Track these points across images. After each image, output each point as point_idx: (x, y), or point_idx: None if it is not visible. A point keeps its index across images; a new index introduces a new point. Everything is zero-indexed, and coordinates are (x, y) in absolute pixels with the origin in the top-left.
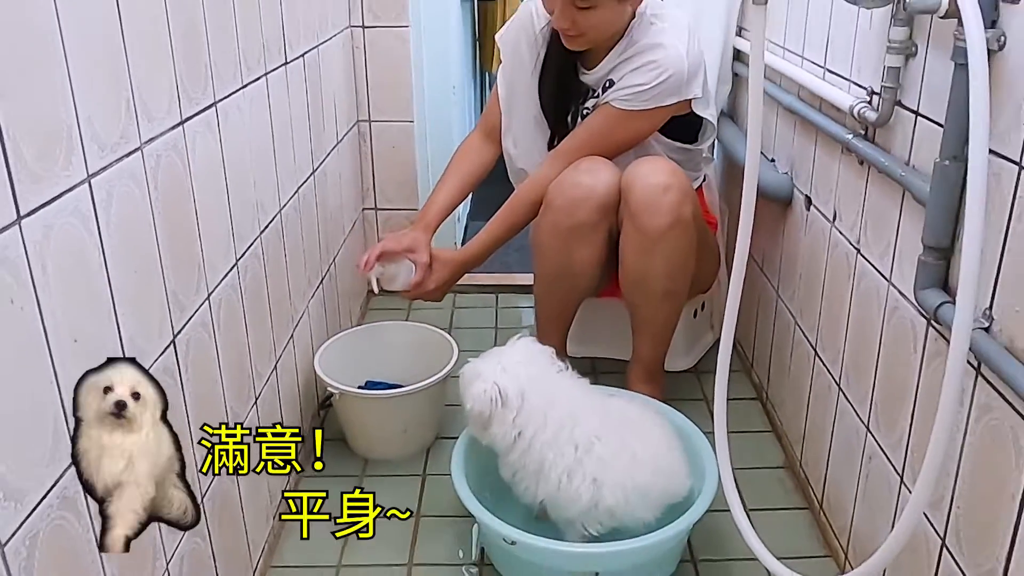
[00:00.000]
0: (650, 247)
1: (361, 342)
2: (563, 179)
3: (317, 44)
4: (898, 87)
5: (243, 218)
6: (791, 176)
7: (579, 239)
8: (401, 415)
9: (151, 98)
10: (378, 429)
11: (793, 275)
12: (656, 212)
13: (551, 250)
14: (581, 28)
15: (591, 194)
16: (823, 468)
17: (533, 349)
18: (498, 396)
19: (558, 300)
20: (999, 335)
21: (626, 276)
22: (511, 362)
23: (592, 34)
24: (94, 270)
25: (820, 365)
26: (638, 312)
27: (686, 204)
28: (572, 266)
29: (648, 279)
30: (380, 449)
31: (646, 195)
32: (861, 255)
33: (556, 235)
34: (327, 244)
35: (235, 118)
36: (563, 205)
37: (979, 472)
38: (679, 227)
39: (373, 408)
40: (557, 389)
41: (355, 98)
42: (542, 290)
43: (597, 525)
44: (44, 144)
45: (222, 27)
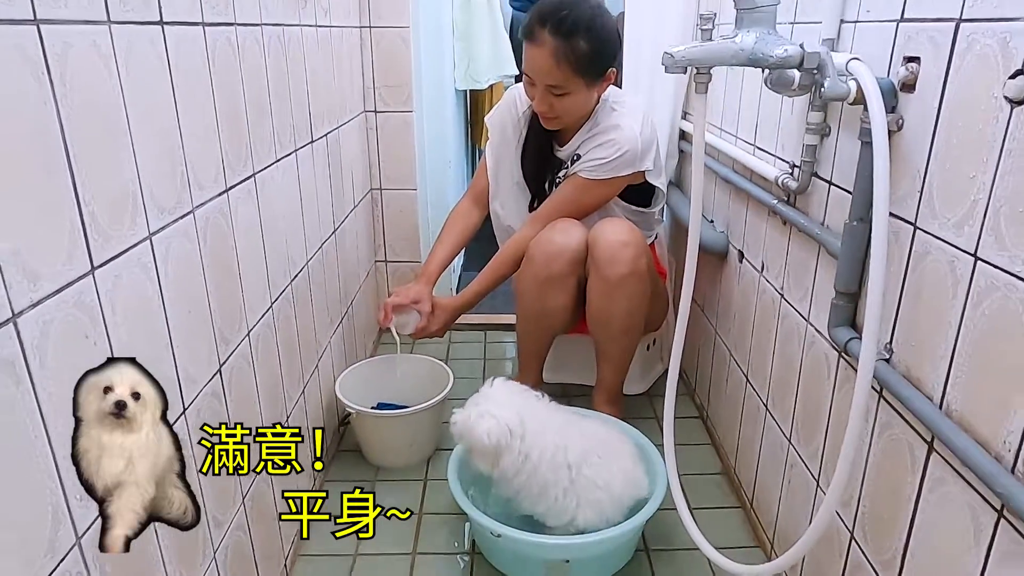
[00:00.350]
0: (611, 292)
1: (374, 370)
2: (541, 238)
3: (338, 126)
4: (815, 161)
5: (276, 269)
6: (727, 234)
7: (554, 287)
8: (408, 431)
9: (201, 170)
10: (389, 442)
11: (729, 316)
12: (617, 263)
13: (531, 296)
14: (556, 111)
15: (564, 250)
16: (753, 474)
17: (512, 386)
18: (507, 430)
19: (537, 337)
20: (898, 365)
21: (592, 316)
22: (501, 399)
23: (565, 117)
24: (154, 311)
25: (751, 389)
26: (601, 345)
27: (641, 257)
28: (548, 309)
29: (610, 318)
30: (391, 459)
31: (608, 249)
32: (784, 299)
33: (535, 284)
34: (346, 290)
35: (270, 186)
36: (541, 260)
37: (881, 478)
38: (636, 276)
39: (385, 425)
40: (545, 416)
41: (369, 170)
42: (524, 329)
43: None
44: (113, 208)
45: (260, 113)
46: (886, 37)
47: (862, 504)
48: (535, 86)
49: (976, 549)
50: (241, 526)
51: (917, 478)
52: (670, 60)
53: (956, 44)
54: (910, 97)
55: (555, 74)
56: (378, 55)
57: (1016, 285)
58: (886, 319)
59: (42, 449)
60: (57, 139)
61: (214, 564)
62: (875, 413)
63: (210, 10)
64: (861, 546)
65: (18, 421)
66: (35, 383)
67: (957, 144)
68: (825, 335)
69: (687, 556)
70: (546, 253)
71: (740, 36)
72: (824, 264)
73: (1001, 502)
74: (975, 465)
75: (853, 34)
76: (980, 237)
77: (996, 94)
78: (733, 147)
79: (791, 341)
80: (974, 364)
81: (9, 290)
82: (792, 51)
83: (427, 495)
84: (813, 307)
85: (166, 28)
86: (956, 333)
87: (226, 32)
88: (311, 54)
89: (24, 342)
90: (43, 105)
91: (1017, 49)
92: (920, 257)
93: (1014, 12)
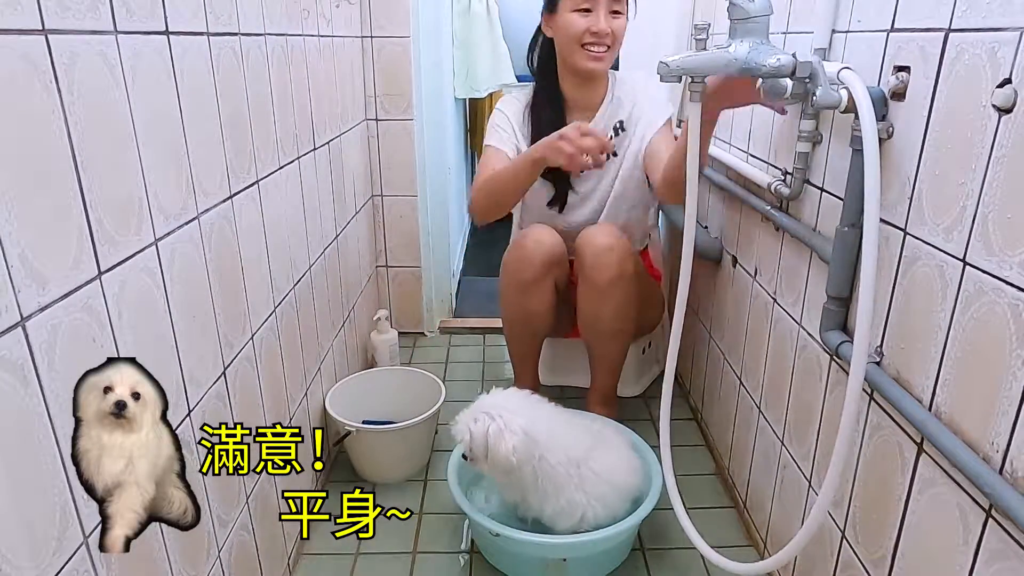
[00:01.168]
0: (600, 296)
1: (359, 387)
2: (515, 244)
3: (340, 134)
4: (807, 168)
5: (280, 274)
6: (721, 240)
7: (532, 291)
8: (406, 443)
9: (206, 177)
10: (387, 457)
11: (723, 320)
12: (604, 268)
13: (512, 302)
14: (615, 36)
15: (535, 253)
16: (746, 475)
17: (515, 391)
18: (531, 443)
19: (523, 340)
20: (888, 367)
21: (582, 320)
22: (512, 405)
23: (614, 48)
24: (160, 315)
25: (744, 392)
26: (593, 349)
27: (627, 261)
28: (530, 313)
29: (600, 322)
30: (390, 475)
31: (595, 254)
32: (777, 304)
33: (514, 289)
34: (347, 294)
35: (274, 193)
36: (516, 265)
37: (872, 478)
38: (623, 279)
39: (384, 441)
40: (552, 418)
41: (370, 177)
42: (511, 334)
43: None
44: (120, 214)
45: (263, 120)
46: (876, 47)
47: (853, 504)
48: (593, 11)
49: (965, 548)
50: (245, 526)
51: (907, 479)
52: (665, 69)
53: (945, 54)
54: (900, 105)
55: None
56: (379, 64)
57: (1004, 290)
58: (876, 323)
59: (50, 450)
60: (65, 146)
61: (219, 563)
62: (866, 415)
63: (214, 20)
64: (852, 545)
65: (27, 422)
66: (43, 385)
67: (946, 152)
68: (817, 339)
69: (682, 555)
70: (520, 259)
71: (734, 46)
72: (816, 269)
73: (989, 502)
74: (964, 466)
75: (844, 44)
76: (969, 242)
77: (984, 103)
78: (727, 154)
79: (783, 345)
80: (963, 367)
81: (18, 294)
82: (785, 60)
83: (427, 495)
84: (805, 311)
85: (171, 38)
86: (945, 336)
87: (230, 42)
88: (313, 63)
89: (33, 345)
90: (51, 113)
91: (1005, 59)
92: (910, 262)
93: (1002, 22)
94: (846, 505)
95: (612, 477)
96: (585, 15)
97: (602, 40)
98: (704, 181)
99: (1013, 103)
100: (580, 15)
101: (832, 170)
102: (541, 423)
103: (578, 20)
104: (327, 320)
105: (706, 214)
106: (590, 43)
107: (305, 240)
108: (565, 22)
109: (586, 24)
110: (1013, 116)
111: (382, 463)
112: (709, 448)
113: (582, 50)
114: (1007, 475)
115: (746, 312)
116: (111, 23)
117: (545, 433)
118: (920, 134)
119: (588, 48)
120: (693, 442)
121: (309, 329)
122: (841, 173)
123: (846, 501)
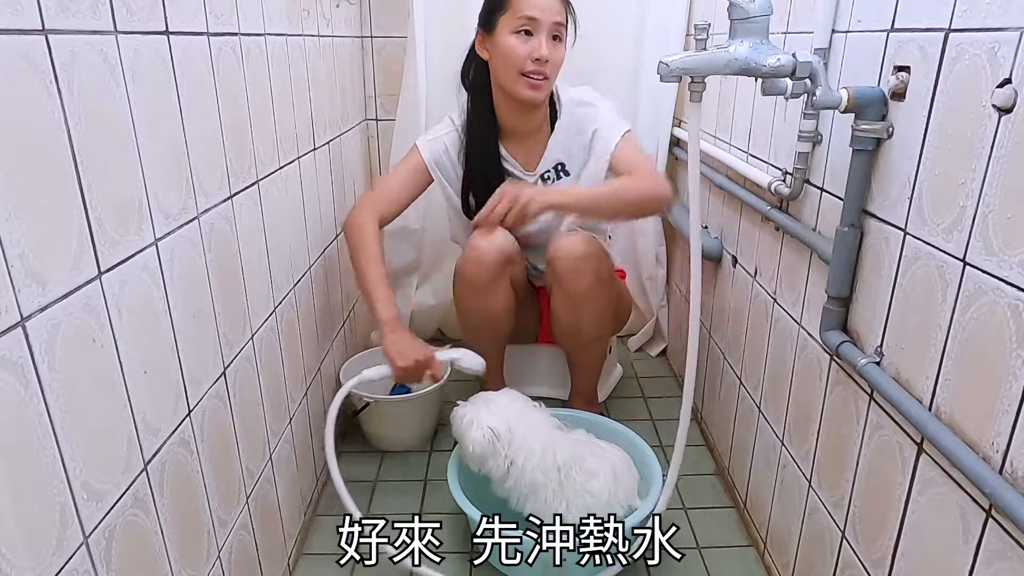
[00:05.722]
0: (577, 305)
1: (373, 360)
2: (466, 247)
3: (339, 134)
4: (807, 168)
5: (280, 273)
6: (721, 240)
7: (489, 292)
8: (420, 411)
9: (206, 177)
10: (403, 422)
11: (723, 320)
12: (580, 277)
13: (470, 305)
14: (554, 63)
15: (489, 253)
16: (747, 475)
17: (512, 393)
18: (493, 436)
19: (486, 344)
20: (888, 367)
21: (560, 329)
22: (496, 406)
23: (552, 76)
24: (160, 315)
25: (744, 392)
26: (573, 356)
27: (602, 267)
28: (490, 314)
29: (579, 330)
30: (401, 442)
31: (569, 264)
32: (777, 304)
33: (471, 292)
34: (347, 293)
35: (274, 193)
36: (471, 268)
37: (872, 478)
38: (599, 285)
39: (402, 409)
40: (536, 423)
41: (369, 177)
42: (472, 340)
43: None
44: (120, 214)
45: (263, 120)
46: (876, 47)
47: (853, 504)
48: (534, 35)
49: (965, 548)
50: (245, 526)
51: (907, 479)
52: (665, 69)
53: (945, 54)
54: (900, 105)
55: (561, 9)
56: (378, 65)
57: (1004, 290)
58: (877, 323)
59: (50, 450)
60: (65, 146)
61: (219, 563)
62: (866, 415)
63: (214, 20)
64: (852, 545)
65: (27, 422)
66: (43, 385)
67: (946, 152)
68: (817, 339)
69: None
70: (474, 260)
71: (734, 46)
72: (816, 269)
73: (989, 502)
74: (964, 466)
75: (844, 43)
76: (969, 243)
77: (984, 103)
78: (727, 154)
79: (783, 344)
80: (963, 367)
81: (18, 294)
82: (785, 60)
83: (427, 495)
84: (805, 311)
85: (171, 38)
86: (945, 336)
87: (230, 42)
88: (313, 63)
89: (33, 345)
90: (51, 113)
91: (1005, 58)
92: (910, 262)
93: (1002, 22)
94: (846, 505)
95: (599, 491)
96: (526, 40)
97: (542, 68)
98: (704, 181)
99: (1013, 103)
100: (520, 40)
101: (832, 170)
102: (521, 426)
103: (518, 46)
104: (327, 319)
105: (706, 214)
106: (531, 71)
107: (305, 240)
108: (505, 47)
109: (527, 51)
110: (1013, 116)
111: (394, 432)
112: (709, 448)
113: (522, 78)
114: (1007, 475)
115: (746, 312)
116: (111, 23)
117: (520, 438)
118: (920, 134)
119: (529, 76)
120: (693, 442)
121: (309, 328)
122: (841, 173)
123: (846, 501)
